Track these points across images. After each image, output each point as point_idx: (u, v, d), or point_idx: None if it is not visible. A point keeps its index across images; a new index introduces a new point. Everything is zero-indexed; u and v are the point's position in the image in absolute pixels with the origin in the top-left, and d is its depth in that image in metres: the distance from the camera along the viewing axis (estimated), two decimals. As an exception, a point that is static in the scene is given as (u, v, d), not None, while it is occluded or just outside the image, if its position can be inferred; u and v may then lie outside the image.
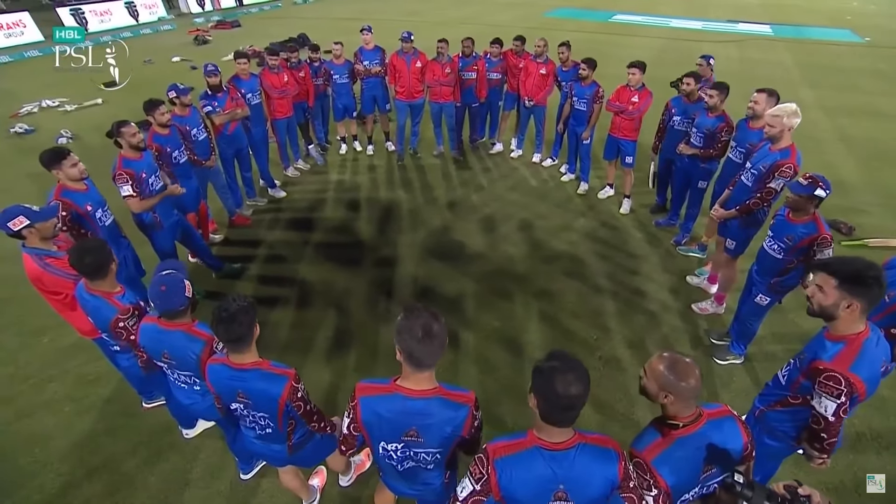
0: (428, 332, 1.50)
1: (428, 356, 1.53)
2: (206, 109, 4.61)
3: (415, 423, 1.61)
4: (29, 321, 4.05)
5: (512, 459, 1.44)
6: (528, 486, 1.42)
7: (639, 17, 17.40)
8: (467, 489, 1.49)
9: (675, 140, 4.64)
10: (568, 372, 1.37)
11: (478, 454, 1.50)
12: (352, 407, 1.67)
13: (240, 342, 1.77)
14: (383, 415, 1.62)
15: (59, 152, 2.97)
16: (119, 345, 2.43)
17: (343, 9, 19.27)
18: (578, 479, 1.42)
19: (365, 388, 1.67)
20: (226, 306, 1.73)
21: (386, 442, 1.69)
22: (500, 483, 1.43)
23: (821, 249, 2.81)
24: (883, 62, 11.62)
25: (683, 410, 1.53)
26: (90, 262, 2.22)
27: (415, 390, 1.59)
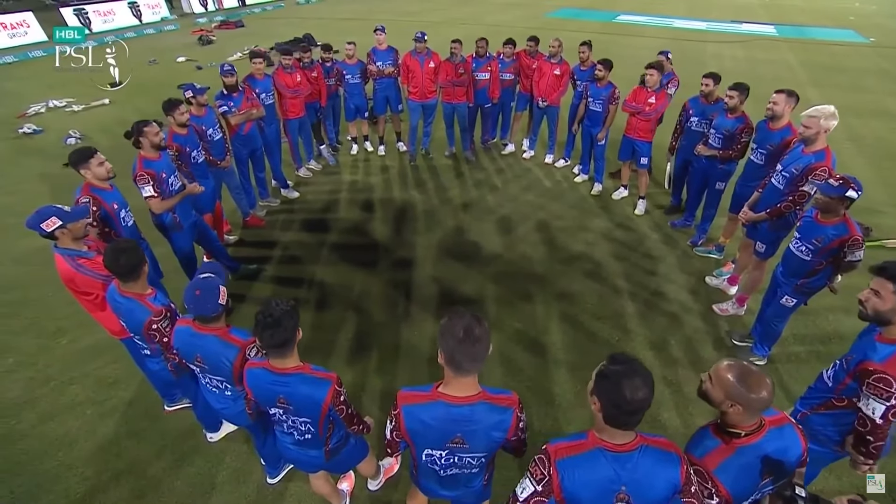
0: (470, 335, 1.48)
1: (470, 360, 1.50)
2: (222, 109, 4.58)
3: (460, 429, 1.59)
4: (46, 323, 4.02)
5: (574, 461, 1.42)
6: (590, 487, 1.41)
7: (642, 17, 17.42)
8: (528, 490, 1.47)
9: (693, 141, 4.64)
10: (635, 376, 1.35)
11: (538, 455, 1.48)
12: (395, 415, 1.66)
13: (283, 347, 1.75)
14: (428, 423, 1.60)
15: (87, 151, 2.95)
16: (150, 348, 2.41)
17: (345, 9, 19.26)
18: (641, 481, 1.40)
19: (407, 397, 1.65)
20: (269, 311, 1.70)
21: (431, 449, 1.68)
22: (563, 484, 1.41)
23: (851, 251, 2.80)
24: (888, 62, 11.65)
25: (748, 420, 1.52)
26: (125, 263, 2.20)
27: (458, 397, 1.58)
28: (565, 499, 1.43)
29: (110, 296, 2.38)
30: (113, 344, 3.72)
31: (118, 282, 2.34)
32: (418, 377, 3.48)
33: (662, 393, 3.37)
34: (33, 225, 2.42)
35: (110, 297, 2.38)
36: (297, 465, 2.20)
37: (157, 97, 9.30)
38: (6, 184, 6.25)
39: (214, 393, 2.18)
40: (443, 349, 1.53)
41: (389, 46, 6.07)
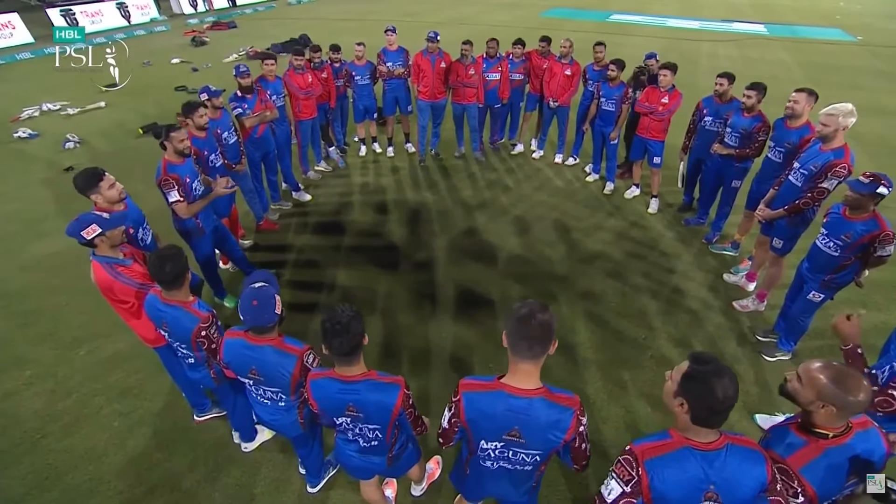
0: (531, 318, 1.50)
1: (527, 343, 1.52)
2: (237, 112, 4.51)
3: (517, 422, 1.60)
4: (62, 333, 3.93)
5: (663, 461, 1.42)
6: (680, 486, 1.41)
7: (636, 16, 17.57)
8: (616, 491, 1.46)
9: (707, 140, 4.69)
10: (723, 376, 1.36)
11: (622, 456, 1.48)
12: (454, 402, 1.67)
13: (352, 354, 1.73)
14: (487, 412, 1.61)
15: (94, 174, 2.69)
16: (196, 356, 2.35)
17: (339, 9, 19.12)
18: (729, 479, 1.41)
19: (468, 385, 1.66)
20: (337, 318, 1.67)
21: (486, 440, 1.68)
22: (653, 484, 1.42)
23: (882, 246, 2.85)
24: (879, 60, 11.91)
25: (838, 422, 1.53)
26: (170, 271, 2.15)
27: (519, 388, 1.58)
28: (654, 499, 1.44)
29: (151, 305, 2.32)
30: (134, 353, 3.70)
31: (159, 290, 2.28)
32: (450, 380, 3.47)
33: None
34: (74, 233, 2.36)
35: (151, 306, 2.32)
36: (353, 473, 2.17)
37: (154, 99, 9.28)
38: (7, 190, 6.08)
39: (266, 405, 2.14)
40: (506, 332, 1.56)
41: (400, 47, 6.03)
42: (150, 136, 7.57)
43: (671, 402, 1.47)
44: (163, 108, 8.61)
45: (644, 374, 3.53)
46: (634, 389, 3.41)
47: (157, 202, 5.27)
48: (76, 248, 4.91)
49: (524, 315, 1.52)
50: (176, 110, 8.14)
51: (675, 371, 1.49)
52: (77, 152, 7.12)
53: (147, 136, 7.56)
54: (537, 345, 1.53)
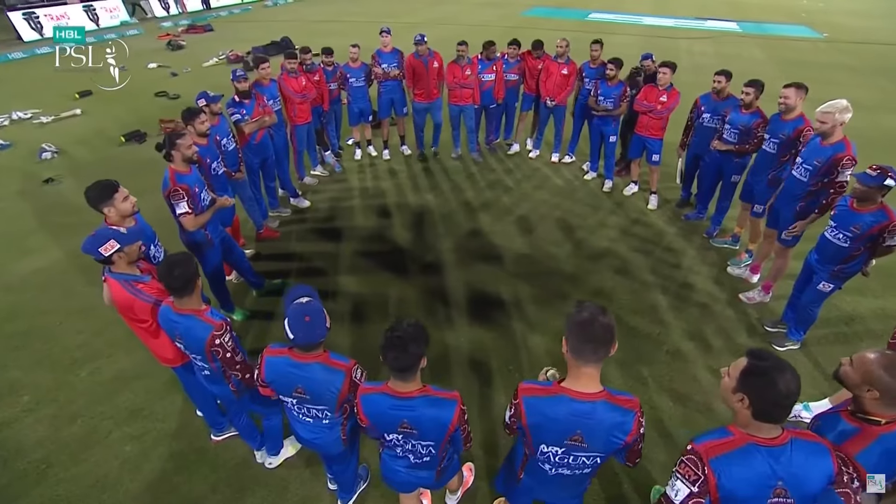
0: (593, 322, 1.51)
1: (595, 350, 1.52)
2: (235, 118, 4.37)
3: (580, 426, 1.59)
4: (58, 354, 3.73)
5: (728, 458, 1.42)
6: (748, 484, 1.40)
7: (613, 15, 17.90)
8: (683, 492, 1.45)
9: (705, 136, 4.79)
10: (785, 371, 1.37)
11: (686, 455, 1.47)
12: (515, 405, 1.67)
13: (408, 371, 1.68)
14: (549, 416, 1.60)
15: (109, 186, 2.56)
16: (211, 367, 2.25)
17: (317, 11, 18.84)
18: (797, 474, 1.41)
19: (529, 390, 1.65)
20: (399, 331, 1.62)
21: (547, 445, 1.67)
22: (720, 482, 1.41)
23: (891, 236, 2.95)
24: (846, 56, 12.43)
25: (885, 408, 1.56)
26: (179, 275, 2.06)
27: (581, 392, 1.57)
28: (721, 497, 1.43)
29: (164, 317, 2.22)
30: (139, 373, 3.54)
31: (172, 300, 2.19)
32: (471, 383, 3.44)
33: (710, 382, 3.46)
34: (91, 249, 2.23)
35: (164, 318, 2.22)
36: (396, 487, 2.12)
37: (132, 105, 8.95)
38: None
39: (307, 423, 2.06)
40: (567, 337, 1.56)
41: (394, 48, 5.96)
42: (132, 144, 7.30)
43: (730, 399, 1.47)
44: (143, 115, 8.31)
45: (662, 368, 3.57)
46: (654, 384, 3.44)
47: (151, 215, 5.12)
48: (63, 263, 4.78)
49: (586, 319, 1.52)
50: (157, 116, 8.02)
51: (732, 368, 1.50)
52: (55, 163, 6.79)
53: (130, 145, 7.28)
54: (602, 348, 1.52)
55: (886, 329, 3.96)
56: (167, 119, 7.95)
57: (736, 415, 1.48)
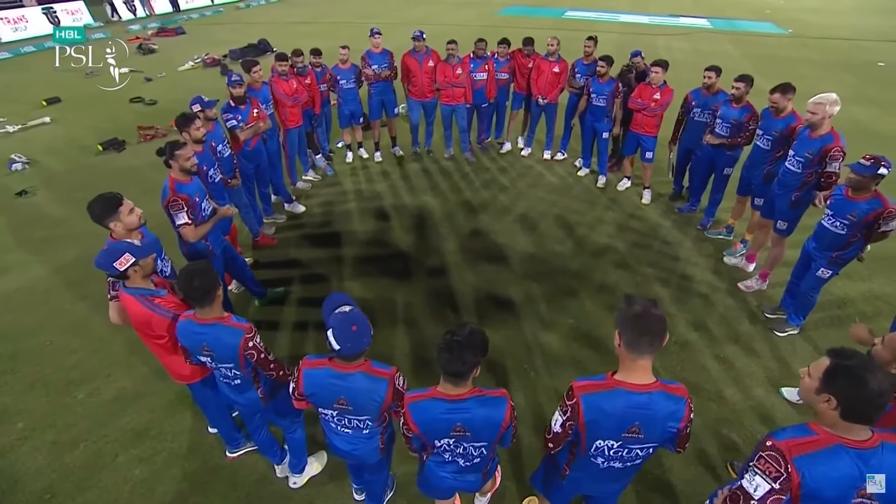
0: (647, 315, 1.53)
1: (651, 342, 1.53)
2: (231, 124, 4.23)
3: (638, 417, 1.60)
4: (52, 377, 3.54)
5: (814, 458, 1.39)
6: (834, 485, 1.38)
7: (589, 12, 18.17)
8: (763, 488, 1.42)
9: (696, 131, 4.91)
10: (875, 370, 1.34)
11: (765, 452, 1.43)
12: (570, 406, 1.64)
13: (464, 377, 1.65)
14: (607, 411, 1.61)
15: (113, 199, 2.44)
16: (244, 373, 2.16)
17: (293, 12, 18.49)
18: (890, 478, 1.38)
19: (584, 387, 1.64)
20: (459, 336, 1.61)
21: (603, 439, 1.67)
22: (804, 482, 1.38)
23: (886, 222, 3.08)
24: (810, 51, 12.96)
25: None
26: (200, 286, 1.98)
27: (637, 384, 1.59)
28: (803, 496, 1.40)
29: (186, 331, 2.12)
30: (141, 391, 3.40)
31: (191, 314, 2.10)
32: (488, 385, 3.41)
33: (718, 371, 3.55)
34: (105, 264, 2.11)
35: (186, 332, 2.12)
36: (439, 494, 2.09)
37: (106, 112, 8.61)
38: (-49, 221, 5.41)
39: (346, 435, 2.00)
40: (621, 332, 1.57)
41: (384, 49, 5.89)
42: (111, 153, 7.00)
43: (814, 400, 1.45)
44: (118, 122, 7.98)
45: (672, 359, 3.64)
46: (667, 375, 3.49)
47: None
48: (46, 280, 4.56)
49: (640, 312, 1.54)
50: (134, 123, 7.72)
51: (813, 368, 1.47)
52: (27, 174, 6.45)
53: (108, 153, 6.98)
54: (657, 339, 1.54)
55: (875, 310, 4.17)
56: (146, 126, 7.68)
57: (821, 415, 1.45)
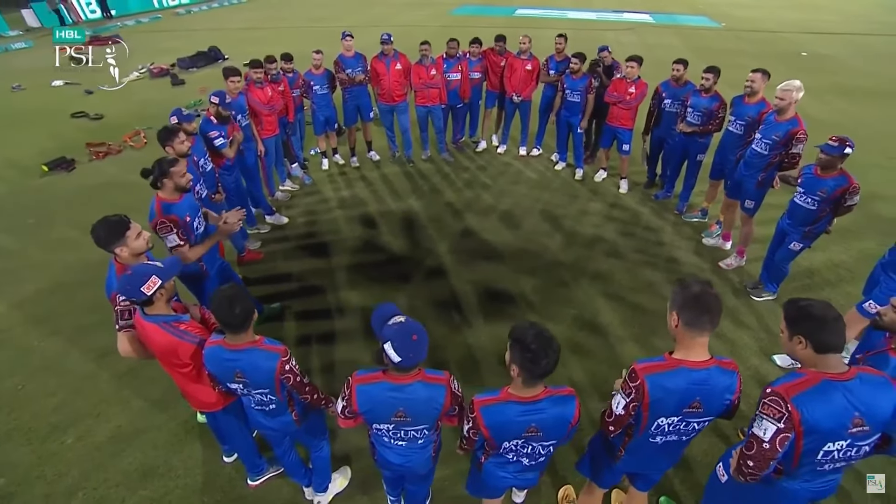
0: (705, 294, 1.62)
1: (712, 319, 1.62)
2: (219, 142, 3.99)
3: (699, 393, 1.69)
4: (32, 423, 3.22)
5: (808, 395, 1.55)
6: (830, 417, 1.54)
7: (539, 10, 18.66)
8: (770, 429, 1.57)
9: (668, 121, 5.17)
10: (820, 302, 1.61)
11: (768, 398, 1.60)
12: (634, 387, 1.71)
13: (545, 376, 1.66)
14: (671, 389, 1.68)
15: (120, 222, 2.26)
16: (278, 399, 2.06)
17: (240, 17, 17.76)
18: (870, 404, 1.56)
19: (647, 368, 1.71)
20: (540, 336, 1.61)
21: (666, 417, 1.75)
22: (804, 418, 1.54)
23: (851, 197, 3.38)
24: (743, 43, 13.94)
25: None
26: (241, 312, 1.87)
27: (696, 361, 1.67)
28: (805, 431, 1.56)
29: (216, 358, 1.99)
30: (140, 427, 3.18)
31: (219, 340, 1.98)
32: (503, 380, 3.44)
33: (715, 344, 3.74)
34: (132, 291, 1.93)
35: (216, 359, 1.99)
36: (491, 494, 2.09)
37: (47, 129, 8.00)
38: None
39: (400, 447, 1.95)
40: (679, 313, 1.65)
41: (356, 52, 5.78)
42: (59, 173, 6.44)
43: (793, 348, 1.65)
44: (62, 140, 7.37)
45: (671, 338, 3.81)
46: (670, 355, 3.67)
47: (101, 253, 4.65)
48: (6, 318, 4.14)
49: (699, 292, 1.63)
50: (81, 140, 7.16)
51: (782, 324, 1.70)
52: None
53: (56, 174, 6.42)
54: (717, 317, 1.63)
55: (839, 276, 4.55)
56: (96, 142, 7.14)
57: (802, 359, 1.65)
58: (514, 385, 1.75)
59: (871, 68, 11.67)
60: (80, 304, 4.20)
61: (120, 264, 2.31)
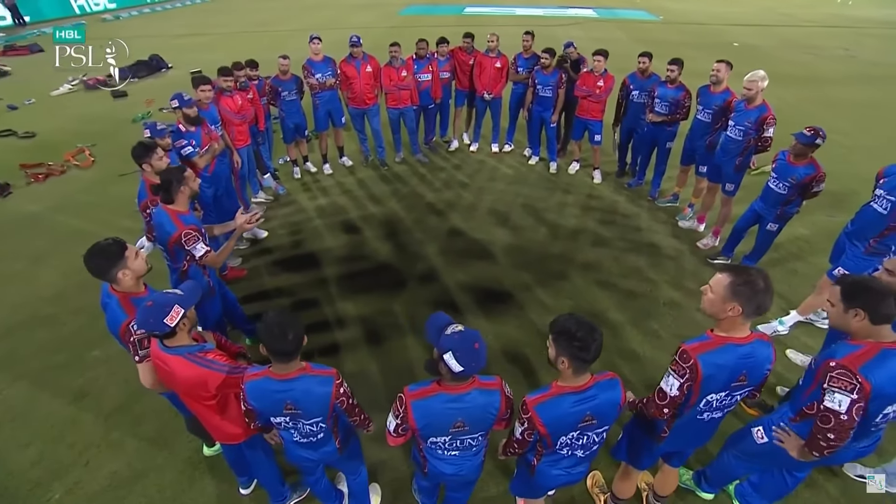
0: (765, 281, 1.70)
1: (770, 297, 1.71)
2: (187, 151, 3.73)
3: (746, 367, 1.79)
4: (5, 482, 2.87)
5: (874, 363, 1.71)
6: (892, 381, 1.72)
7: (487, 7, 18.92)
8: (846, 402, 1.70)
9: (636, 111, 5.40)
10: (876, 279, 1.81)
11: (835, 371, 1.73)
12: (688, 367, 1.76)
13: (594, 361, 1.69)
14: (722, 365, 1.77)
15: (115, 246, 2.06)
16: (327, 426, 1.95)
17: (175, 24, 16.74)
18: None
19: (697, 348, 1.77)
20: (581, 326, 1.66)
21: (715, 393, 1.84)
22: (874, 384, 1.69)
23: (818, 184, 3.68)
24: (683, 35, 14.83)
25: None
26: (294, 338, 1.74)
27: (741, 337, 1.77)
28: (873, 397, 1.71)
29: (265, 391, 1.82)
30: (142, 469, 2.95)
31: (263, 371, 1.84)
32: (515, 376, 3.48)
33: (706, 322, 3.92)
34: (155, 324, 1.76)
35: (265, 392, 1.82)
36: (538, 494, 2.11)
37: None
38: None
39: (453, 457, 1.91)
40: (745, 302, 1.69)
41: (325, 56, 5.60)
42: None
43: (846, 319, 1.79)
44: (-11, 162, 6.66)
45: (666, 319, 3.99)
46: (667, 334, 3.84)
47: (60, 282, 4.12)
48: None
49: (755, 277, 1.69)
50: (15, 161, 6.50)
51: (830, 296, 1.84)
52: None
53: (-6, 200, 5.78)
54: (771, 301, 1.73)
55: (801, 249, 4.93)
56: (32, 163, 6.51)
57: (857, 331, 1.78)
58: (562, 378, 1.77)
59: (792, 56, 12.77)
60: (42, 344, 3.83)
61: (122, 293, 2.10)
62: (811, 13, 19.05)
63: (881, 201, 3.16)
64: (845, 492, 2.72)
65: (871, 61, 12.18)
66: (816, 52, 13.15)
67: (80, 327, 3.95)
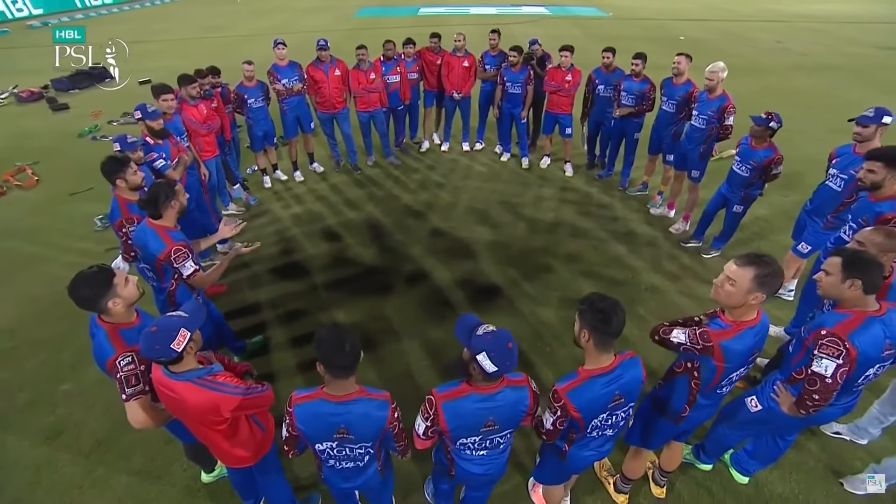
0: (780, 269, 1.85)
1: (780, 284, 1.87)
2: (160, 164, 3.53)
3: (760, 343, 1.97)
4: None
5: (859, 331, 1.90)
6: (874, 347, 1.91)
7: (441, 7, 18.96)
8: (831, 367, 1.87)
9: (603, 105, 5.59)
10: (864, 251, 1.97)
11: (824, 339, 1.90)
12: (710, 346, 1.90)
13: (617, 336, 1.77)
14: (742, 349, 1.91)
15: (103, 274, 1.91)
16: (373, 453, 1.90)
17: (116, 31, 15.70)
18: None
19: (719, 335, 1.89)
20: (604, 300, 1.74)
21: (735, 370, 1.99)
22: (859, 350, 1.87)
23: (776, 166, 3.93)
24: (633, 30, 15.43)
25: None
26: (351, 350, 1.67)
27: (753, 320, 1.91)
28: (859, 363, 1.88)
29: (318, 414, 1.74)
30: (139, 500, 2.73)
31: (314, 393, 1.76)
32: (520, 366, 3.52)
33: (687, 302, 4.13)
34: (162, 350, 1.65)
35: (318, 415, 1.74)
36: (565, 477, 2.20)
37: None
38: None
39: (482, 457, 1.93)
40: (767, 290, 1.83)
41: (291, 61, 5.45)
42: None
43: (842, 290, 1.92)
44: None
45: (649, 304, 4.15)
46: (652, 317, 3.99)
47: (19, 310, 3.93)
48: None
49: (775, 268, 1.82)
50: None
51: (829, 266, 1.96)
52: None
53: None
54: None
55: (761, 228, 5.24)
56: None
57: (849, 300, 1.93)
58: (587, 361, 1.82)
59: (735, 49, 13.56)
60: (0, 383, 3.53)
61: (110, 325, 1.95)
62: (748, 9, 20.29)
63: (835, 179, 3.43)
64: (825, 448, 2.96)
65: (802, 52, 13.12)
66: (754, 45, 14.03)
67: (43, 362, 3.68)
